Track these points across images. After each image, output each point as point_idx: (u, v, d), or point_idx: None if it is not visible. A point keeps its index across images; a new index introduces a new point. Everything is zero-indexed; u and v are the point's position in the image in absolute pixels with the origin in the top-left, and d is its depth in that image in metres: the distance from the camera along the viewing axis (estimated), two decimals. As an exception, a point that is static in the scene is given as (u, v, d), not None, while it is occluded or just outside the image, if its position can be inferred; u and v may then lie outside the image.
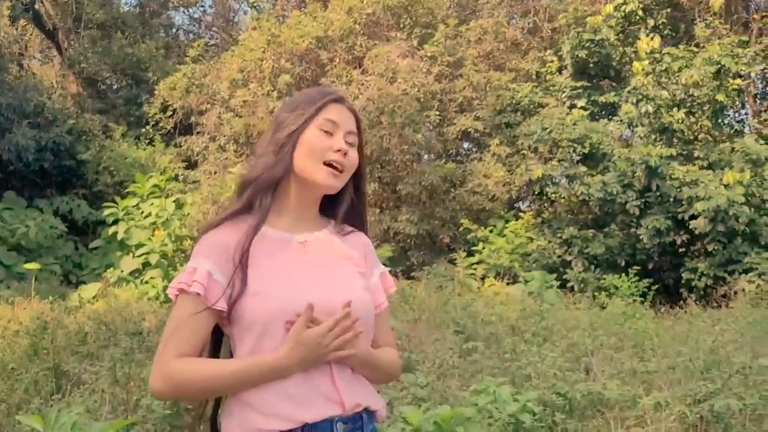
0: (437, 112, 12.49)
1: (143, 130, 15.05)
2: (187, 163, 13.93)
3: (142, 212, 12.24)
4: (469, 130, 12.68)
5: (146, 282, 11.23)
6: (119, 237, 12.02)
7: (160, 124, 14.61)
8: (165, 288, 11.06)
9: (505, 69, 13.38)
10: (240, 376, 1.47)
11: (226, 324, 1.55)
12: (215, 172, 12.62)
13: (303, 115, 1.60)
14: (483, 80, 12.67)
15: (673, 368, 4.40)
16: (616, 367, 5.16)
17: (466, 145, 14.57)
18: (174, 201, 12.29)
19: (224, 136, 13.15)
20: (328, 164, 1.59)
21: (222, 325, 1.57)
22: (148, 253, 11.45)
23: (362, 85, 12.39)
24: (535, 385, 4.48)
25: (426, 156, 13.76)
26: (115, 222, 12.34)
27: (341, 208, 1.69)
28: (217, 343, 1.61)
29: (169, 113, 14.39)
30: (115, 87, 18.72)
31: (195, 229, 11.66)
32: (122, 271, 11.50)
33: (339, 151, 1.59)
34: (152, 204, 12.23)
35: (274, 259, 1.56)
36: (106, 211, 12.46)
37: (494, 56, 13.46)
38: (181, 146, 13.97)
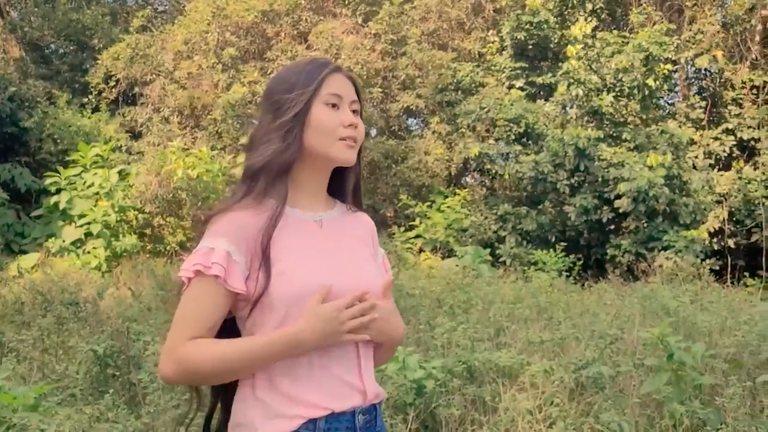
0: (380, 89, 12.76)
1: (86, 99, 14.96)
2: (131, 134, 13.94)
3: (85, 182, 12.26)
4: (411, 107, 13.00)
5: (88, 252, 11.34)
6: (61, 207, 12.05)
7: (104, 94, 14.55)
8: (107, 258, 11.20)
9: (447, 48, 13.69)
10: (254, 352, 1.42)
11: (240, 306, 1.49)
12: (159, 144, 12.69)
13: (305, 92, 1.52)
14: (426, 59, 12.97)
15: (564, 339, 4.85)
16: (527, 337, 5.61)
17: (410, 120, 14.91)
18: (118, 172, 12.35)
19: (168, 107, 13.20)
20: (342, 140, 1.54)
21: (233, 309, 1.50)
22: (90, 223, 11.53)
23: (307, 60, 12.55)
24: (443, 353, 4.88)
25: (374, 131, 14.05)
26: (58, 191, 12.34)
27: (349, 183, 1.64)
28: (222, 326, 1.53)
29: (112, 83, 14.34)
30: (59, 52, 18.43)
31: (139, 200, 11.78)
32: (64, 241, 11.57)
33: (350, 125, 1.54)
34: (95, 174, 12.26)
35: (293, 238, 1.51)
36: (48, 180, 12.44)
37: (438, 35, 13.75)
38: (125, 116, 13.96)
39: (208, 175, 10.46)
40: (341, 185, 1.63)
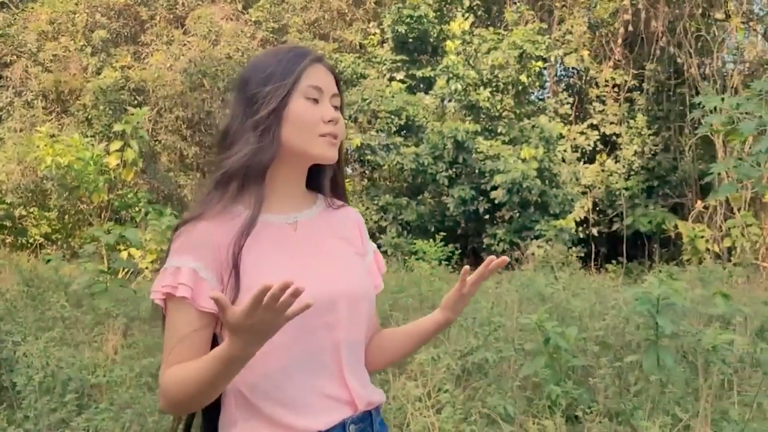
0: (261, 78, 12.56)
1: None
2: (-12, 118, 12.95)
3: (-63, 170, 11.29)
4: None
5: (-58, 246, 10.47)
6: None
7: (-43, 75, 13.42)
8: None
9: (329, 38, 13.68)
10: (208, 372, 1.25)
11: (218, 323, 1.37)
12: (21, 130, 11.87)
13: (282, 85, 1.39)
14: (307, 48, 12.89)
15: (448, 327, 5.00)
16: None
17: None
18: (-26, 159, 11.45)
19: (32, 91, 12.37)
20: (323, 136, 1.42)
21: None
22: (-57, 215, 10.64)
23: (184, 45, 12.15)
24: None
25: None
26: None
27: (326, 178, 1.52)
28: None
29: (-33, 63, 13.25)
30: None
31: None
32: None
33: (331, 121, 1.42)
34: (-52, 161, 11.32)
35: (263, 246, 1.38)
36: None
37: (319, 25, 13.70)
38: (-19, 100, 12.95)
39: (80, 164, 9.90)
40: (319, 180, 1.52)
